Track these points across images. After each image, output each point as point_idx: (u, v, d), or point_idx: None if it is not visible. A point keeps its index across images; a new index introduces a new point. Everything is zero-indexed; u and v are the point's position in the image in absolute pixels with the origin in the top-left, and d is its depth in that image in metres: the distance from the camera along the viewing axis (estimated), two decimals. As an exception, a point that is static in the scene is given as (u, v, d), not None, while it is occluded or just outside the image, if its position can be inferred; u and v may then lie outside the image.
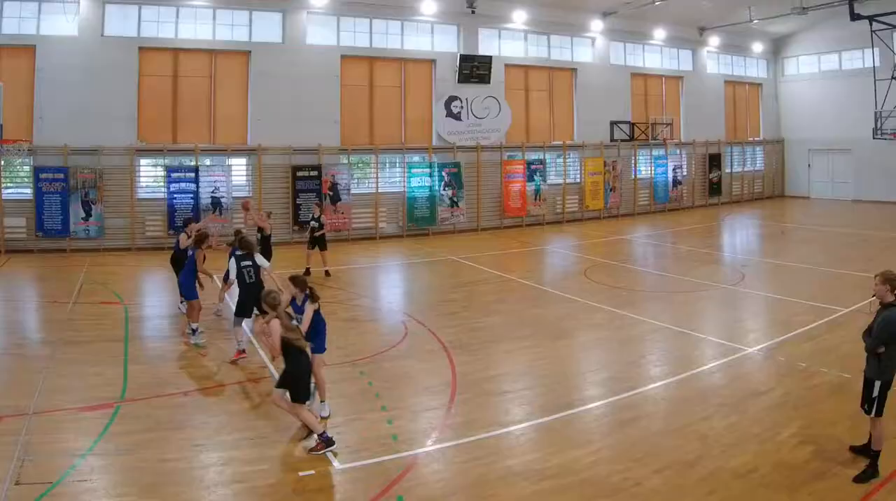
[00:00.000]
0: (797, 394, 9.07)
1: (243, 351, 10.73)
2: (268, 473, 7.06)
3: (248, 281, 10.88)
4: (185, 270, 11.89)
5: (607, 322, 12.94)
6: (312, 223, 17.42)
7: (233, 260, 11.00)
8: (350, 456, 7.39)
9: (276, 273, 11.20)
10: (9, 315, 13.76)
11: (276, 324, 7.42)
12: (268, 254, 15.37)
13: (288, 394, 7.53)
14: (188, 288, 11.78)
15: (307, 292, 8.43)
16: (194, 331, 11.62)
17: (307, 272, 17.28)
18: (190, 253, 12.01)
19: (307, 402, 7.76)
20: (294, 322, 7.88)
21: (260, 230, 15.38)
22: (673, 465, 7.13)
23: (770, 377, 9.87)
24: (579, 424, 8.35)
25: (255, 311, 10.64)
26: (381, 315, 14.22)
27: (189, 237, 12.51)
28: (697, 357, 10.90)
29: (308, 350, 7.68)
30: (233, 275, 10.91)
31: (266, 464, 7.23)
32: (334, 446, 7.45)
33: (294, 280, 8.60)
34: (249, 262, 10.95)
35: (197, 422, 8.30)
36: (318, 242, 17.31)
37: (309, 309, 8.29)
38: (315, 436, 7.55)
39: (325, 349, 8.73)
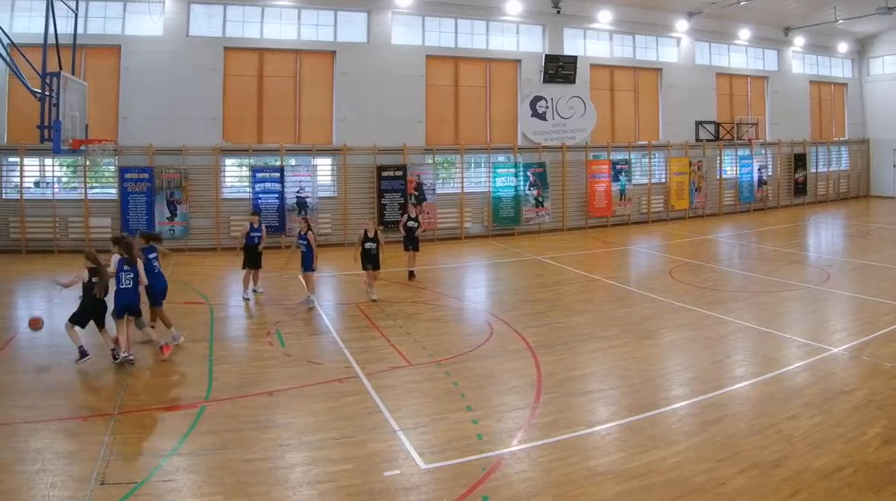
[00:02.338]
0: (882, 394, 8.36)
1: (164, 345, 9.76)
2: (353, 473, 6.50)
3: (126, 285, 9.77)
4: None
5: (692, 322, 11.88)
6: (410, 223, 15.47)
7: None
8: (435, 456, 6.84)
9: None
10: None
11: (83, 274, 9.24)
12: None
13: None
14: None
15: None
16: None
17: (411, 275, 15.55)
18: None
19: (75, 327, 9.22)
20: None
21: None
22: (758, 465, 6.61)
23: (855, 377, 9.09)
24: (664, 424, 7.68)
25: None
26: (466, 315, 13.06)
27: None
28: (782, 357, 10.02)
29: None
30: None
31: (351, 464, 6.68)
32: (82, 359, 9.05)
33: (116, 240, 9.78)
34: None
35: (282, 422, 7.69)
36: (413, 243, 15.46)
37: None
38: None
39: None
